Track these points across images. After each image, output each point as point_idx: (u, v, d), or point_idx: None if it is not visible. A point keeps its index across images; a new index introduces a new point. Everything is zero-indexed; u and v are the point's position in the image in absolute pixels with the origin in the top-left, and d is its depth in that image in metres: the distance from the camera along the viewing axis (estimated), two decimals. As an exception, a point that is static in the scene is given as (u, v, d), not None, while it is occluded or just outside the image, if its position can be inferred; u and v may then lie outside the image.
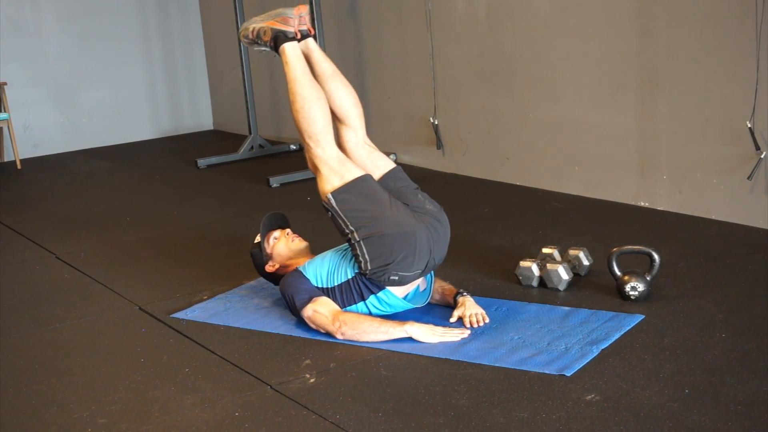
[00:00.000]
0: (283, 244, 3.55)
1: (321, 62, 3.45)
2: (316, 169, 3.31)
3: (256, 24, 3.48)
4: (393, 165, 3.40)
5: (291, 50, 3.39)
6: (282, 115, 7.60)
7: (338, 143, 3.36)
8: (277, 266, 3.55)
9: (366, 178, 3.26)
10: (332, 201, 3.21)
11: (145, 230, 5.05)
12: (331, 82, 3.42)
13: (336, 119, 3.41)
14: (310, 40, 3.47)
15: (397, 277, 3.20)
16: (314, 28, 3.55)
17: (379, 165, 3.37)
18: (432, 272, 3.43)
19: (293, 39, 3.40)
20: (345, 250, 3.37)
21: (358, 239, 3.19)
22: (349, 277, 3.28)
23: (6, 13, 7.59)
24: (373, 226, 3.17)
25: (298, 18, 3.42)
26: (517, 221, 4.62)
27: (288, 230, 3.62)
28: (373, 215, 3.18)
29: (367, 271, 3.21)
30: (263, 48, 3.49)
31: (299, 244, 3.56)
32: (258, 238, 3.60)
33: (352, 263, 3.29)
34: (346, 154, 3.35)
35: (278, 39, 3.40)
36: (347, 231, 3.21)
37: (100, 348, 3.38)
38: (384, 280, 3.22)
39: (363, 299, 3.28)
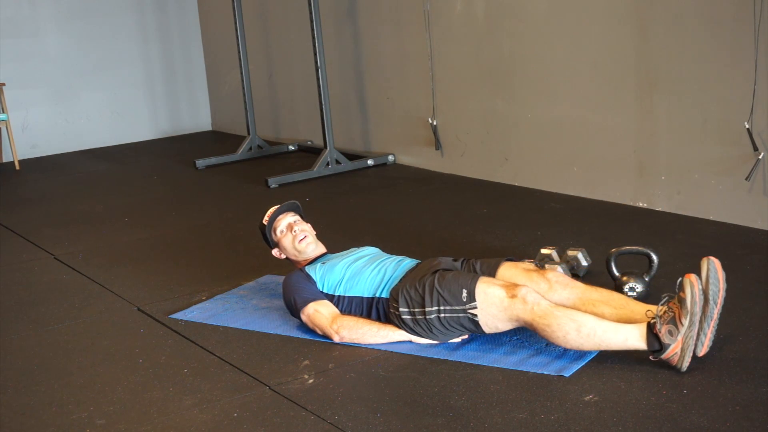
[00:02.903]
0: (288, 242, 3.48)
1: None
2: (511, 303, 2.94)
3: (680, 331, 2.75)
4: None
5: None
6: (280, 116, 7.61)
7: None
8: (283, 256, 3.53)
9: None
10: (472, 311, 2.97)
11: (144, 231, 5.05)
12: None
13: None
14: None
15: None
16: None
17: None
18: None
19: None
20: (359, 261, 3.32)
21: (416, 317, 3.07)
22: (365, 296, 3.23)
23: (5, 14, 7.58)
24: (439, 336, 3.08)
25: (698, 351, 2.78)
26: (515, 222, 4.62)
27: (296, 227, 3.50)
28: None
29: (392, 315, 3.14)
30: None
31: (305, 247, 3.47)
32: (266, 218, 3.52)
33: (370, 284, 3.22)
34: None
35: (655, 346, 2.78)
36: (419, 309, 3.07)
37: (98, 349, 3.38)
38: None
39: (369, 318, 3.26)
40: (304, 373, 2.97)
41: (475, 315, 2.97)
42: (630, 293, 3.36)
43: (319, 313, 3.22)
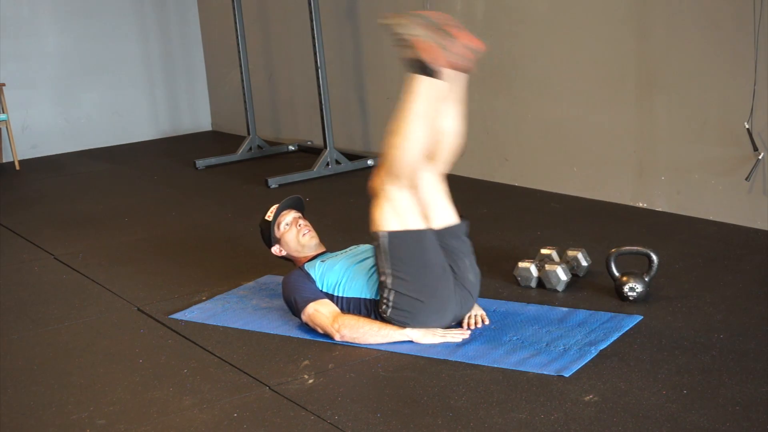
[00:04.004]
0: (292, 236, 3.48)
1: (453, 100, 3.16)
2: (377, 195, 3.11)
3: (407, 32, 2.96)
4: (457, 220, 3.25)
5: (425, 87, 3.00)
6: (280, 116, 7.61)
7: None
8: (284, 253, 3.52)
9: (425, 234, 3.11)
10: (385, 240, 3.07)
11: (144, 231, 5.05)
12: (449, 121, 3.17)
13: (430, 146, 3.18)
14: (461, 75, 3.11)
15: (409, 327, 3.18)
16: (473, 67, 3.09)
17: (443, 215, 3.22)
18: None
19: (434, 76, 2.99)
20: (363, 259, 3.33)
21: (391, 287, 3.11)
22: (363, 297, 3.24)
23: (4, 14, 7.59)
24: (410, 285, 3.08)
25: (456, 56, 2.97)
26: (515, 222, 4.62)
27: (301, 221, 3.52)
28: (417, 276, 3.08)
29: (385, 314, 3.16)
30: (400, 53, 3.09)
31: (309, 240, 3.49)
32: (269, 215, 3.52)
33: (370, 283, 3.23)
34: (415, 187, 3.15)
35: (422, 67, 2.98)
36: (385, 271, 3.11)
37: (98, 349, 3.38)
38: (398, 324, 3.18)
39: (368, 316, 3.26)
40: (304, 373, 2.98)
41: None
42: (630, 293, 3.36)
43: (320, 312, 3.22)
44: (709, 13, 4.20)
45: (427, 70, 2.98)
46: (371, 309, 3.22)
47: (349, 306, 3.25)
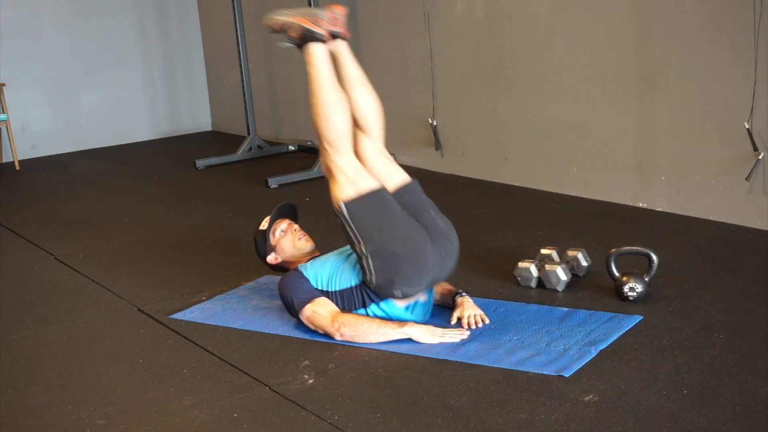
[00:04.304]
0: (288, 241, 3.51)
1: (349, 66, 3.36)
2: (330, 174, 3.24)
3: (285, 18, 3.30)
4: (409, 179, 3.34)
5: (317, 52, 3.27)
6: (281, 116, 7.61)
7: (354, 149, 3.29)
8: (279, 260, 3.54)
9: (381, 192, 3.20)
10: (344, 210, 3.16)
11: (144, 231, 5.05)
12: (356, 88, 3.34)
13: (355, 125, 3.32)
14: (342, 42, 3.34)
15: (400, 293, 3.19)
16: (349, 33, 3.42)
17: (394, 176, 3.30)
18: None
19: (321, 40, 3.27)
20: (348, 254, 3.35)
21: (366, 252, 3.15)
22: (353, 284, 3.26)
23: (5, 15, 7.58)
24: (382, 241, 3.13)
25: (331, 19, 3.29)
26: (515, 222, 4.62)
27: (296, 226, 3.58)
28: (383, 230, 3.14)
29: (372, 285, 3.20)
30: (287, 43, 3.36)
31: (305, 244, 3.52)
32: (264, 225, 3.55)
33: (356, 271, 3.27)
34: (361, 161, 3.28)
35: (305, 38, 3.27)
36: (355, 242, 3.17)
37: (98, 349, 3.38)
38: (388, 294, 3.21)
39: (364, 306, 3.27)
40: (304, 373, 2.98)
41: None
42: (630, 293, 3.36)
43: (318, 313, 3.22)
44: (709, 13, 4.20)
45: (312, 40, 3.28)
46: (363, 292, 3.24)
47: (343, 298, 3.27)
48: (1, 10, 7.56)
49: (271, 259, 3.53)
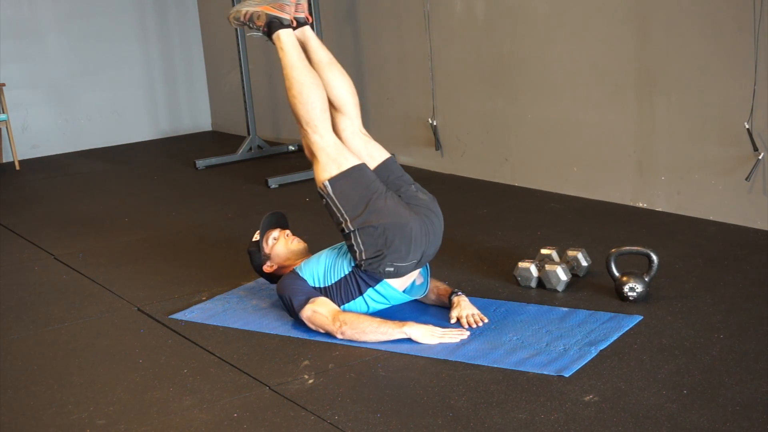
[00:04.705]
0: (282, 245, 3.54)
1: (317, 50, 3.43)
2: (312, 155, 3.32)
3: (250, 8, 3.39)
4: (388, 155, 3.41)
5: (286, 37, 3.36)
6: (281, 116, 7.60)
7: (333, 130, 3.34)
8: (275, 267, 3.55)
9: (362, 167, 3.26)
10: (328, 188, 3.22)
11: (144, 231, 5.05)
12: (328, 71, 3.40)
13: (332, 108, 3.38)
14: (307, 28, 3.43)
15: (392, 269, 3.20)
16: (312, 16, 3.49)
17: (374, 155, 3.38)
18: (428, 266, 3.44)
19: (288, 26, 3.36)
20: (340, 248, 3.38)
21: (352, 228, 3.19)
22: (346, 272, 3.29)
23: (5, 14, 7.58)
24: (367, 215, 3.18)
25: (294, 5, 3.37)
26: (515, 222, 4.62)
27: (287, 231, 3.61)
28: (368, 204, 3.19)
29: (362, 262, 3.22)
30: (255, 33, 3.44)
31: (298, 245, 3.56)
32: (256, 237, 3.59)
33: (348, 258, 3.30)
34: (341, 142, 3.34)
35: (272, 25, 3.35)
36: (341, 219, 3.22)
37: (98, 349, 3.38)
38: (380, 272, 3.22)
39: (361, 293, 3.28)
40: (304, 373, 2.98)
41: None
42: (630, 293, 3.36)
43: (318, 313, 3.23)
44: (709, 13, 4.20)
45: (280, 26, 3.36)
46: (357, 277, 3.27)
47: (339, 289, 3.29)
48: (1, 10, 7.56)
49: (266, 267, 3.55)
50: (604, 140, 4.84)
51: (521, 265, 3.64)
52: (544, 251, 3.74)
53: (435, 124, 5.84)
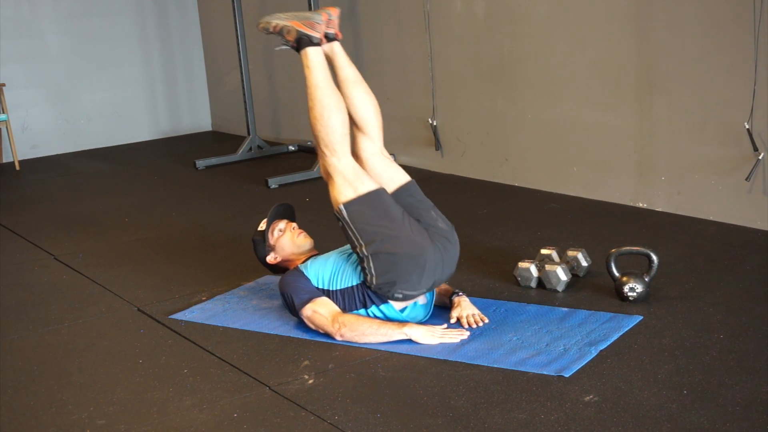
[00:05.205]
0: (287, 239, 3.52)
1: (345, 67, 3.39)
2: (329, 176, 3.23)
3: (281, 21, 3.31)
4: (408, 179, 3.34)
5: (314, 55, 3.29)
6: (280, 116, 7.61)
7: (354, 150, 3.29)
8: (279, 259, 3.53)
9: (380, 192, 3.20)
10: (344, 212, 3.16)
11: (144, 231, 5.05)
12: (353, 88, 3.35)
13: (354, 127, 3.33)
14: (336, 44, 3.37)
15: (401, 295, 3.19)
16: (341, 33, 3.42)
17: (394, 178, 3.31)
18: (434, 291, 3.40)
19: (317, 44, 3.30)
20: (350, 253, 3.35)
21: (366, 254, 3.15)
22: (354, 284, 3.26)
23: (5, 14, 7.58)
24: (383, 242, 3.13)
25: (326, 22, 3.31)
26: (515, 222, 4.62)
27: (294, 224, 3.59)
28: (384, 231, 3.13)
29: (372, 285, 3.20)
30: (284, 46, 3.38)
31: (304, 240, 3.53)
32: (262, 225, 3.56)
33: (357, 271, 3.26)
34: (360, 162, 3.28)
35: (302, 42, 3.29)
36: (356, 243, 3.17)
37: (98, 349, 3.38)
38: (389, 296, 3.21)
39: (365, 307, 3.26)
40: (304, 374, 2.98)
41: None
42: (630, 293, 3.36)
43: (318, 314, 3.22)
44: (709, 13, 4.20)
45: (309, 43, 3.30)
46: (364, 293, 3.24)
47: (344, 297, 3.27)
48: (1, 10, 7.56)
49: (270, 259, 3.53)
50: (604, 140, 4.84)
51: (521, 265, 3.64)
52: (544, 251, 3.74)
53: (435, 124, 5.84)
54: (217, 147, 7.66)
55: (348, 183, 3.19)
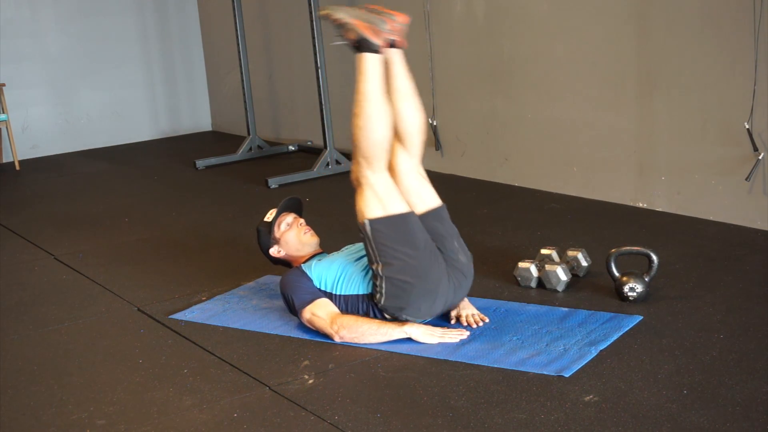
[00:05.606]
0: (293, 234, 3.50)
1: (400, 77, 3.27)
2: (359, 185, 3.17)
3: (345, 17, 3.17)
4: (439, 203, 3.28)
5: (371, 63, 3.16)
6: (281, 116, 7.61)
7: (390, 161, 3.21)
8: (282, 253, 3.52)
9: (408, 217, 3.14)
10: (368, 227, 3.12)
11: (144, 231, 5.05)
12: (404, 102, 3.27)
13: (396, 138, 3.25)
14: (396, 52, 3.24)
15: (406, 318, 3.18)
16: (406, 43, 3.28)
17: (425, 198, 3.24)
18: None
19: (376, 51, 3.15)
20: (357, 258, 3.34)
21: (381, 274, 3.13)
22: (360, 293, 3.25)
23: (5, 14, 7.59)
24: (400, 270, 3.10)
25: (390, 30, 3.16)
26: (515, 222, 4.62)
27: (302, 220, 3.57)
28: (403, 258, 3.10)
29: (380, 304, 3.18)
30: (341, 42, 3.26)
31: (310, 239, 3.51)
32: (269, 216, 3.54)
33: (366, 280, 3.25)
34: (393, 175, 3.21)
35: (362, 44, 3.15)
36: (374, 261, 3.14)
37: (98, 349, 3.38)
38: (394, 316, 3.19)
39: (366, 315, 3.26)
40: (304, 374, 2.98)
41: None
42: (630, 293, 3.36)
43: (317, 316, 3.22)
44: (709, 13, 4.20)
45: (368, 48, 3.16)
46: (369, 304, 3.23)
47: (347, 303, 3.26)
48: (1, 11, 7.56)
49: (273, 251, 3.52)
50: (604, 140, 4.84)
51: (521, 265, 3.64)
52: (544, 251, 3.74)
53: (435, 124, 5.84)
54: (217, 147, 7.66)
55: (378, 199, 3.13)
